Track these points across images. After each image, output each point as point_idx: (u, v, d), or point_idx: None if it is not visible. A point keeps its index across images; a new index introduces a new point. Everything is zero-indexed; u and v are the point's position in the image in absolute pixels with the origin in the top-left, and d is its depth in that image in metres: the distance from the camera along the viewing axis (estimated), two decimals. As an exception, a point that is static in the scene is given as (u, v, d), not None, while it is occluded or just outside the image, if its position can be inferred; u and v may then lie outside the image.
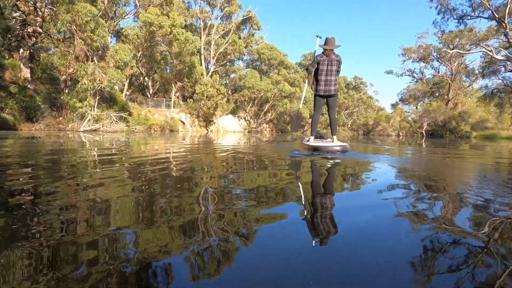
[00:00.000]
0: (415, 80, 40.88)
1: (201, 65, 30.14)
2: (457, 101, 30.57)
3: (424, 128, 27.80)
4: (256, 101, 33.79)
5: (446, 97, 32.23)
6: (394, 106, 45.60)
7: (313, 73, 5.18)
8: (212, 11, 32.10)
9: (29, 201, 1.37)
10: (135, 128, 17.40)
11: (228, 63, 36.03)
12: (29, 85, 17.11)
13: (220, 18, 32.69)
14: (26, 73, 17.66)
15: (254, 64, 40.00)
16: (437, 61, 33.17)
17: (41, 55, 21.97)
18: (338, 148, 4.73)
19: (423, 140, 13.74)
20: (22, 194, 1.49)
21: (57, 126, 14.94)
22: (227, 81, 36.22)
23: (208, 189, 1.75)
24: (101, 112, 15.64)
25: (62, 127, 14.56)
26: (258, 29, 36.84)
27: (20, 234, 0.94)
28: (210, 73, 31.73)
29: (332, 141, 5.07)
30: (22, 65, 17.58)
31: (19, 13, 15.24)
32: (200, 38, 30.64)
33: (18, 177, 2.03)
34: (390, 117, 32.44)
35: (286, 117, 38.35)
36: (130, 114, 21.34)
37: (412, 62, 35.69)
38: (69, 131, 13.70)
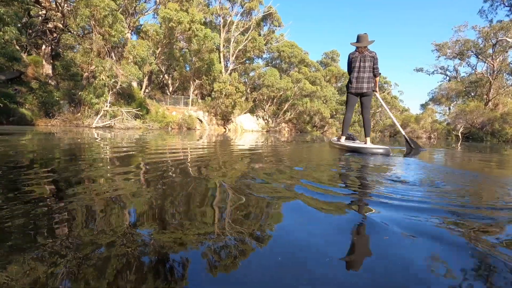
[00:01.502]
0: (448, 78, 37.91)
1: (220, 62, 29.59)
2: (498, 101, 27.73)
3: (460, 131, 25.42)
4: (275, 100, 32.86)
5: (485, 97, 29.29)
6: (424, 106, 42.73)
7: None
8: (232, 7, 31.47)
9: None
10: (149, 126, 16.95)
11: (247, 61, 35.32)
12: (50, 81, 17.20)
13: (240, 15, 31.99)
14: (48, 69, 17.78)
15: (274, 62, 39.08)
16: (476, 57, 30.30)
17: (65, 52, 22.33)
18: (380, 150, 4.06)
19: (459, 144, 12.16)
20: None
21: (74, 122, 14.79)
22: (246, 80, 35.52)
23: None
24: (115, 108, 15.26)
25: (79, 123, 14.36)
26: (278, 26, 35.82)
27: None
28: (229, 71, 31.14)
29: (365, 143, 4.76)
30: (44, 61, 17.73)
31: (42, 9, 15.29)
32: (220, 35, 30.07)
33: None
34: (420, 118, 30.13)
35: (306, 117, 37.09)
36: (147, 111, 21.09)
37: (445, 59, 33.09)
38: (83, 127, 13.44)
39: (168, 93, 30.97)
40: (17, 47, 12.26)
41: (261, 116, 33.28)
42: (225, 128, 28.23)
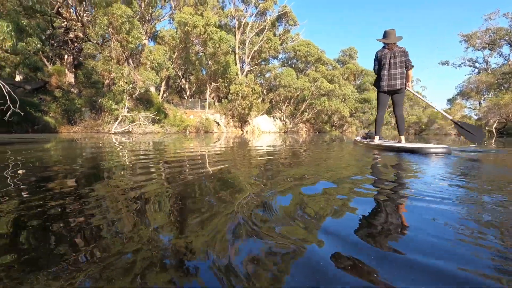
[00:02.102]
0: (477, 71, 35.49)
1: (235, 64, 29.52)
2: (535, 93, 25.56)
3: (494, 126, 23.59)
4: (292, 100, 32.32)
5: (522, 89, 27.19)
6: (451, 101, 40.39)
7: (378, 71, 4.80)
8: (246, 8, 31.37)
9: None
10: (167, 130, 17.04)
11: (262, 62, 35.08)
12: (72, 89, 17.76)
13: (255, 16, 31.82)
14: (70, 78, 18.40)
15: (289, 62, 38.57)
16: (510, 46, 28.11)
17: (86, 61, 23.07)
18: (441, 150, 3.58)
19: (493, 140, 10.93)
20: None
21: (96, 128, 15.10)
22: (262, 81, 35.24)
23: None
24: (133, 113, 15.44)
25: (100, 129, 14.63)
26: (294, 25, 35.33)
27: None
28: (245, 73, 31.01)
29: (400, 142, 4.60)
30: (66, 71, 18.36)
31: (63, 20, 15.81)
32: (235, 37, 30.03)
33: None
34: (448, 114, 28.29)
35: (324, 116, 36.17)
36: (166, 116, 21.32)
37: (473, 50, 30.95)
38: (103, 133, 13.65)
39: (186, 97, 31.30)
40: (41, 57, 12.67)
41: (278, 117, 32.84)
42: (242, 130, 28.05)
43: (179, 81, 32.81)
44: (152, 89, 22.60)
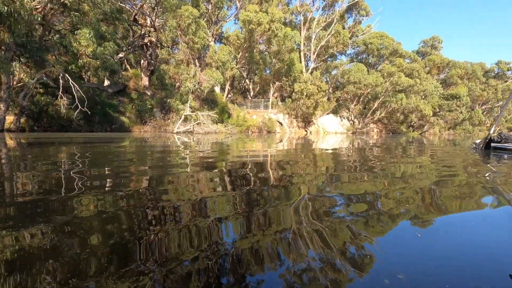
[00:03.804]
0: None
1: (300, 62, 28.11)
2: None
3: None
4: (361, 98, 29.26)
5: None
6: None
7: None
8: (313, 2, 29.61)
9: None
10: (228, 130, 16.78)
11: (329, 59, 32.77)
12: (146, 91, 19.10)
13: (322, 9, 29.84)
14: (145, 81, 19.86)
15: (359, 58, 35.22)
16: None
17: (161, 65, 24.83)
18: None
19: None
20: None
21: (164, 127, 15.72)
22: (328, 79, 32.93)
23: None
24: (193, 113, 15.56)
25: (167, 128, 15.15)
26: (366, 15, 32.09)
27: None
28: (310, 70, 29.35)
29: None
30: (142, 74, 19.87)
31: (139, 27, 17.04)
32: (300, 33, 28.60)
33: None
34: None
35: (399, 115, 31.70)
36: (229, 116, 21.35)
37: None
38: (168, 132, 14.00)
39: (249, 97, 31.28)
40: (121, 61, 13.72)
41: (346, 117, 30.18)
42: (306, 131, 26.54)
43: (243, 81, 33.06)
44: (217, 89, 22.95)
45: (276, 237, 0.90)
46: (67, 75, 10.76)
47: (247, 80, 32.76)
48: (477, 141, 5.01)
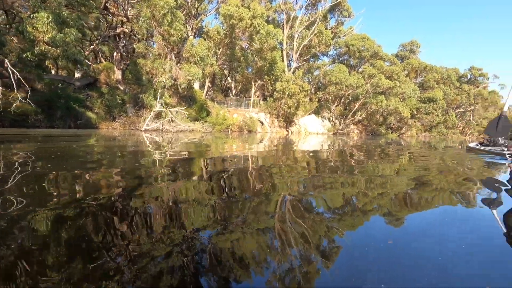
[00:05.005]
0: None
1: (282, 61, 27.70)
2: None
3: None
4: (342, 100, 29.35)
5: None
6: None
7: None
8: (296, 1, 29.29)
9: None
10: (203, 128, 15.95)
11: (311, 59, 32.64)
12: (119, 86, 17.87)
13: (305, 8, 29.61)
14: (118, 74, 18.57)
15: (341, 59, 35.34)
16: None
17: (137, 59, 23.51)
18: None
19: None
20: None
21: (136, 124, 14.69)
22: (310, 79, 32.80)
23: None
24: (164, 109, 14.63)
25: (137, 126, 14.14)
26: (348, 17, 32.20)
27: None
28: (292, 69, 29.02)
29: None
30: (115, 67, 18.58)
31: (110, 16, 15.82)
32: (283, 32, 28.18)
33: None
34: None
35: (379, 117, 32.18)
36: (208, 114, 20.50)
37: None
38: (138, 130, 13.03)
39: (231, 96, 30.50)
40: (79, 50, 12.43)
41: (327, 118, 30.16)
42: (287, 131, 26.18)
43: (225, 79, 32.23)
44: (196, 86, 22.02)
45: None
46: (7, 61, 9.49)
47: (229, 78, 31.96)
48: (471, 144, 4.79)
